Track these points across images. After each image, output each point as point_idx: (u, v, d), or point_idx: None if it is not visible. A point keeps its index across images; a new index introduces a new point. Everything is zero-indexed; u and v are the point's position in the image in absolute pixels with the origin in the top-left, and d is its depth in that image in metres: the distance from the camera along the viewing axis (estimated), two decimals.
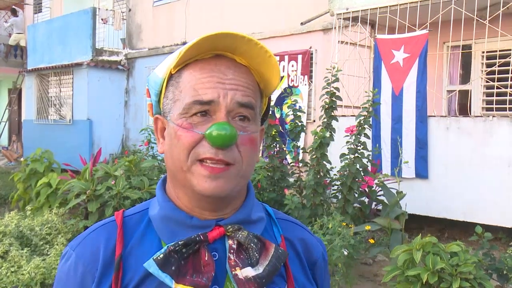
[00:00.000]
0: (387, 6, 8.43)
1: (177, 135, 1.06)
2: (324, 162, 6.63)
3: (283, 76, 11.06)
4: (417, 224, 8.20)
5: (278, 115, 11.06)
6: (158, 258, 1.02)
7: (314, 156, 6.65)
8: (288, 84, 11.05)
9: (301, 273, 1.18)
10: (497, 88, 7.88)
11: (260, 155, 6.56)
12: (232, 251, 1.07)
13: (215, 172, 1.03)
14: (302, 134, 7.97)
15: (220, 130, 1.01)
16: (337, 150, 6.91)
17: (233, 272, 1.04)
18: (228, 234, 1.09)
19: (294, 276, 1.15)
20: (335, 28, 9.31)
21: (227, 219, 1.11)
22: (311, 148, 6.70)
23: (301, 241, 1.22)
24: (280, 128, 7.63)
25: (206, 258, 1.04)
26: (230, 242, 1.08)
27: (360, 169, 6.48)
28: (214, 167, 1.03)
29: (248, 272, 1.04)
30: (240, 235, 1.07)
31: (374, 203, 6.77)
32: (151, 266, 1.02)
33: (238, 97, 1.05)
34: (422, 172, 7.87)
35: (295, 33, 11.13)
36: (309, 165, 6.84)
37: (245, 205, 1.15)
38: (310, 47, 10.83)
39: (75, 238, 1.16)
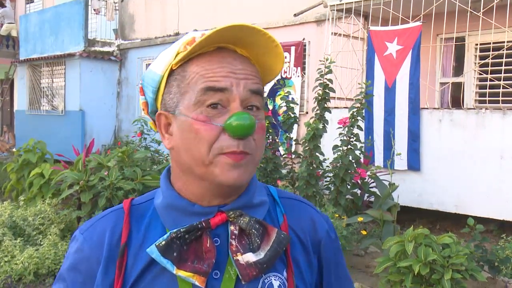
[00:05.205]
0: None
1: (194, 128, 1.05)
2: (317, 154, 6.62)
3: None
4: (409, 216, 8.23)
5: (271, 107, 11.05)
6: (160, 244, 1.05)
7: (307, 148, 6.64)
8: (281, 76, 11.01)
9: (303, 255, 1.18)
10: (490, 80, 7.89)
11: None
12: (234, 236, 1.08)
13: (238, 160, 1.04)
14: (295, 126, 7.97)
15: (240, 120, 1.02)
16: (330, 141, 6.91)
17: (234, 258, 1.06)
18: (230, 219, 1.10)
19: (294, 259, 1.15)
20: (328, 19, 9.31)
21: (229, 204, 1.12)
22: (304, 140, 6.70)
23: (305, 220, 1.22)
24: (273, 119, 7.61)
25: (208, 245, 1.06)
26: (232, 228, 1.09)
27: (353, 161, 6.48)
28: (237, 156, 1.04)
29: (249, 257, 1.06)
30: (242, 221, 1.09)
31: (366, 194, 6.77)
32: (153, 252, 1.05)
33: (249, 85, 1.07)
34: (414, 164, 7.89)
35: (288, 24, 11.11)
36: (301, 156, 6.84)
37: (248, 189, 1.15)
38: (303, 39, 10.82)
39: (85, 223, 1.18)
